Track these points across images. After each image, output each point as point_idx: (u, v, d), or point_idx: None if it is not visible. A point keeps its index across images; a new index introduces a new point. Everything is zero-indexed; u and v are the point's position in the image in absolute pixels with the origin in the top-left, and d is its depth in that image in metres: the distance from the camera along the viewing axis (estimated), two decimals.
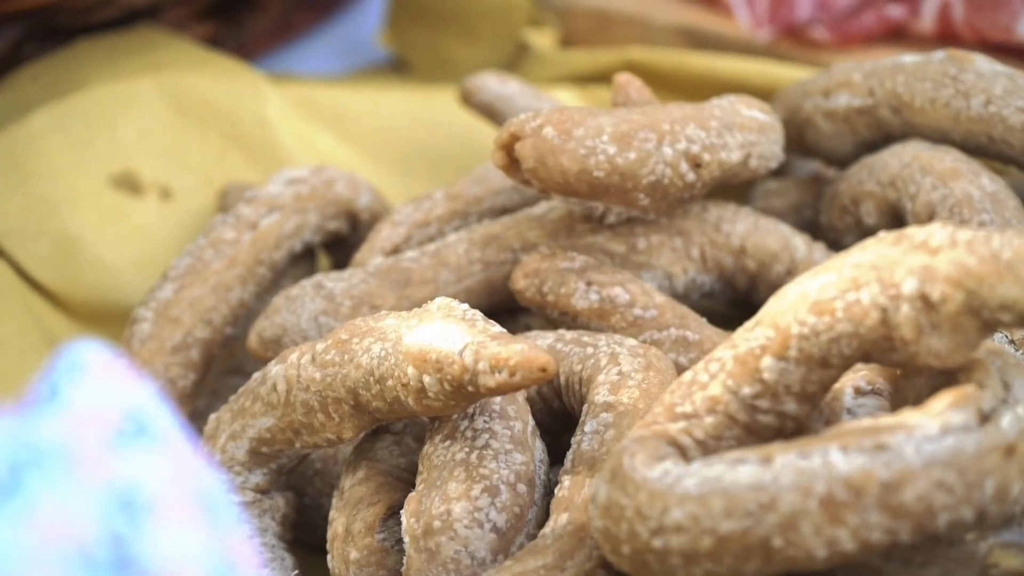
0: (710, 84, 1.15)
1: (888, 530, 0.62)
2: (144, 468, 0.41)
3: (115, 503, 0.39)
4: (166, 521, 0.39)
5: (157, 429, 0.44)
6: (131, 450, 0.42)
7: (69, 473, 0.39)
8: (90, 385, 0.45)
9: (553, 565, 0.71)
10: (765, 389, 0.69)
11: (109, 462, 0.41)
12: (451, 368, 0.74)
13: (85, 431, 0.42)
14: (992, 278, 0.63)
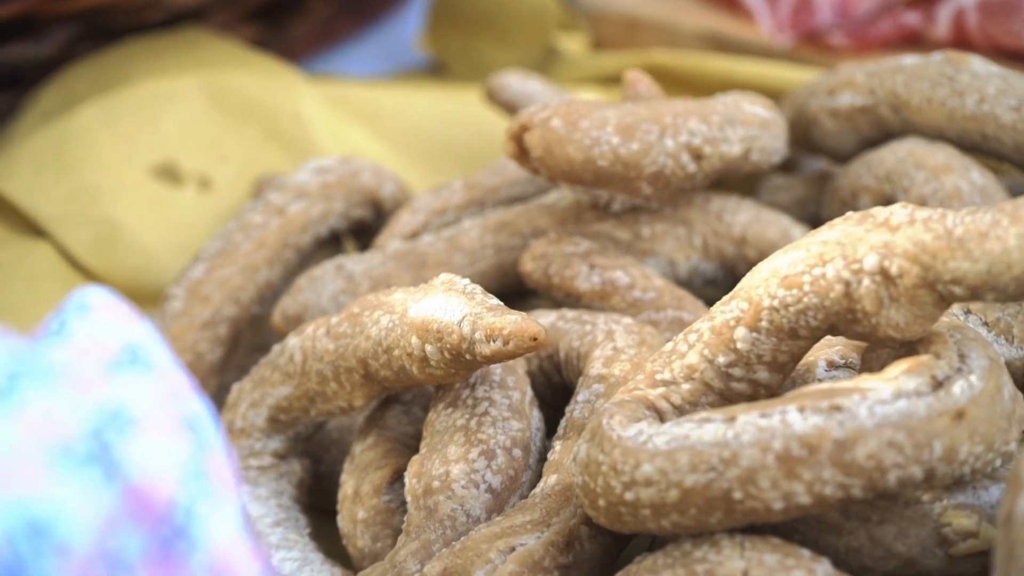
0: (729, 86, 1.19)
1: (841, 485, 0.66)
2: (134, 389, 0.47)
3: (102, 413, 0.44)
4: (149, 433, 0.45)
5: (151, 360, 0.49)
6: (124, 375, 0.47)
7: (63, 386, 0.44)
8: (94, 321, 0.50)
9: (540, 521, 0.76)
10: (738, 358, 0.73)
11: (102, 382, 0.46)
12: (450, 337, 0.79)
13: (84, 356, 0.47)
14: (945, 253, 0.67)
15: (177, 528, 0.43)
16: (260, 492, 0.88)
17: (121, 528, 0.42)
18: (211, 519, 0.44)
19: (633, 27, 1.35)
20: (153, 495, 0.43)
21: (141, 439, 0.45)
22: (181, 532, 0.43)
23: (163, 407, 0.46)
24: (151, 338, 0.51)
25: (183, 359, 0.96)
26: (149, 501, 0.43)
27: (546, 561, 0.74)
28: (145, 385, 0.47)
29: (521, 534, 0.75)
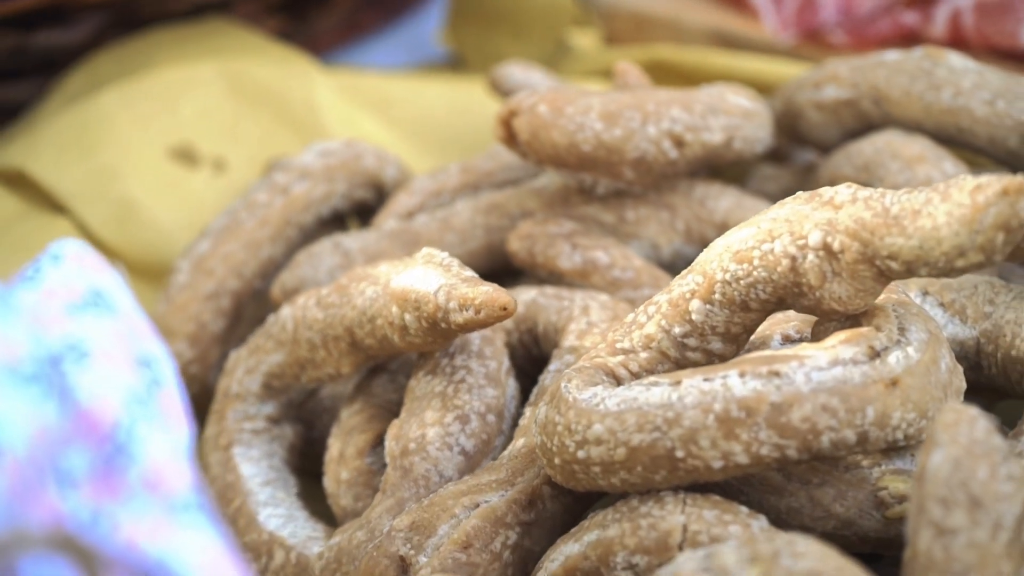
0: (731, 81, 1.23)
1: (777, 446, 0.70)
2: (92, 328, 0.51)
3: (62, 345, 0.49)
4: (101, 365, 0.49)
5: (114, 304, 0.54)
6: (85, 315, 0.52)
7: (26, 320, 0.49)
8: (65, 268, 0.55)
9: (505, 480, 0.80)
10: (693, 329, 0.77)
11: (64, 320, 0.51)
12: (427, 306, 0.83)
13: (51, 298, 0.52)
14: (882, 230, 0.71)
15: (118, 445, 0.48)
16: (252, 454, 0.93)
17: (71, 447, 0.47)
18: (149, 439, 0.49)
19: (643, 24, 1.39)
20: (100, 417, 0.48)
21: (93, 369, 0.49)
22: (121, 448, 0.48)
23: (118, 344, 0.51)
24: (116, 285, 0.55)
25: (187, 329, 1.01)
26: (96, 422, 0.48)
27: (508, 517, 0.79)
28: (103, 325, 0.52)
29: (486, 492, 0.79)
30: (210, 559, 0.47)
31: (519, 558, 0.79)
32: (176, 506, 0.48)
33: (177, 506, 0.48)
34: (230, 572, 0.47)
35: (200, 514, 0.48)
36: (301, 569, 0.85)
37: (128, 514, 0.47)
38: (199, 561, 0.46)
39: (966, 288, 0.85)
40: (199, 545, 0.47)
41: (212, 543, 0.48)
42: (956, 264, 0.69)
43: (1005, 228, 0.67)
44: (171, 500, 0.48)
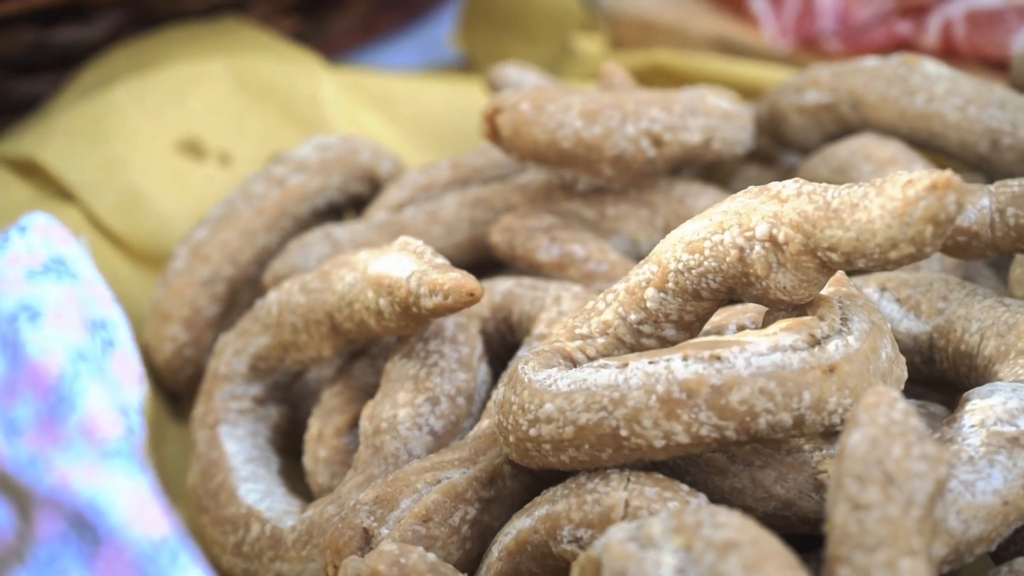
0: (727, 86, 1.27)
1: (716, 427, 0.73)
2: (49, 291, 0.55)
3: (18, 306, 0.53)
4: (52, 324, 0.53)
5: (75, 272, 0.58)
6: (44, 280, 0.56)
7: None
8: (31, 238, 0.59)
9: (467, 459, 0.84)
10: (648, 316, 0.81)
11: (24, 283, 0.55)
12: (399, 291, 0.87)
13: (14, 264, 0.56)
14: (823, 223, 0.74)
15: (61, 396, 0.52)
16: (237, 432, 0.97)
17: (19, 397, 0.51)
18: (90, 391, 0.53)
19: (647, 29, 1.43)
20: (47, 370, 0.52)
21: (44, 328, 0.53)
22: (64, 399, 0.52)
23: (71, 307, 0.55)
24: (79, 255, 0.59)
25: (182, 313, 1.05)
26: (43, 375, 0.52)
27: (468, 494, 0.82)
28: (60, 289, 0.56)
29: (448, 469, 0.83)
30: (135, 500, 0.50)
31: (478, 533, 0.82)
32: (109, 452, 0.51)
33: (110, 452, 0.51)
34: (153, 513, 0.51)
35: (130, 461, 0.52)
36: (275, 541, 0.89)
37: (64, 458, 0.50)
38: (125, 501, 0.50)
39: (922, 285, 0.88)
40: (126, 488, 0.51)
41: (139, 487, 0.51)
42: (890, 255, 0.72)
43: (933, 221, 0.70)
44: (104, 447, 0.51)
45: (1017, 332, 0.82)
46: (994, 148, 1.01)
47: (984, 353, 0.83)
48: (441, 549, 0.81)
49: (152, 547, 0.50)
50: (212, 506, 0.93)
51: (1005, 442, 0.74)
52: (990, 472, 0.73)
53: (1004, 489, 0.73)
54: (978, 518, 0.72)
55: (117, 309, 0.60)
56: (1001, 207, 0.85)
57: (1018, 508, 0.73)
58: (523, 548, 0.78)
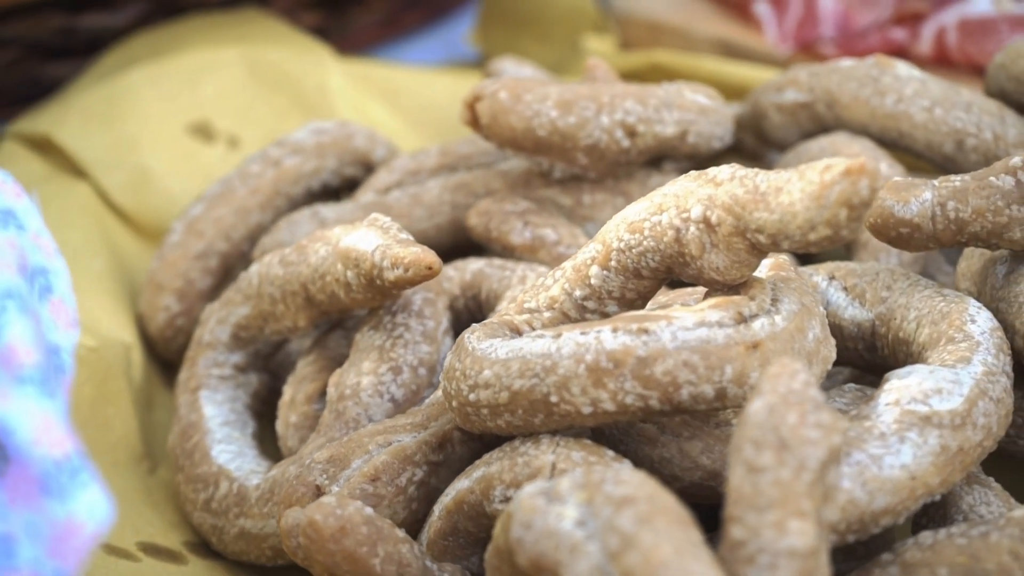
0: (719, 85, 1.30)
1: (641, 396, 0.77)
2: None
3: None
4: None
5: (23, 223, 0.63)
6: None
7: None
8: None
9: (419, 424, 0.88)
10: (592, 292, 0.85)
11: None
12: (364, 264, 0.91)
13: None
14: (751, 205, 0.78)
15: None
16: (217, 397, 1.02)
17: None
18: (12, 325, 0.57)
19: (655, 31, 1.47)
20: None
21: None
22: None
23: (10, 253, 0.60)
24: (29, 209, 0.64)
25: (175, 285, 1.10)
26: None
27: (417, 456, 0.86)
28: (2, 236, 0.61)
29: (400, 433, 0.87)
30: (42, 422, 0.55)
31: (425, 494, 0.86)
32: (22, 379, 0.56)
33: (23, 379, 0.56)
34: (57, 434, 0.55)
35: (41, 388, 0.57)
36: (241, 498, 0.93)
37: None
38: (32, 423, 0.54)
39: (868, 274, 0.92)
40: (34, 411, 0.55)
41: (46, 411, 0.56)
42: (809, 237, 0.75)
43: (847, 205, 0.74)
44: (18, 373, 0.56)
45: (949, 320, 0.85)
46: (959, 149, 1.04)
47: (919, 340, 0.86)
48: (387, 508, 0.85)
49: (55, 465, 0.54)
50: (187, 465, 0.98)
51: (917, 420, 0.77)
52: (900, 448, 0.76)
53: (913, 465, 0.76)
54: (884, 491, 0.75)
55: (61, 261, 0.64)
56: (942, 201, 0.88)
57: (926, 484, 0.76)
58: (460, 507, 0.82)
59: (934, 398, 0.78)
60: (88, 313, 1.08)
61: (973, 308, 0.85)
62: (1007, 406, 0.81)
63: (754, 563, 0.66)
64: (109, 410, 1.02)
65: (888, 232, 0.89)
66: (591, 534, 0.66)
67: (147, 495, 1.00)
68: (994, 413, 0.79)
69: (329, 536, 0.77)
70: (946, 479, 0.77)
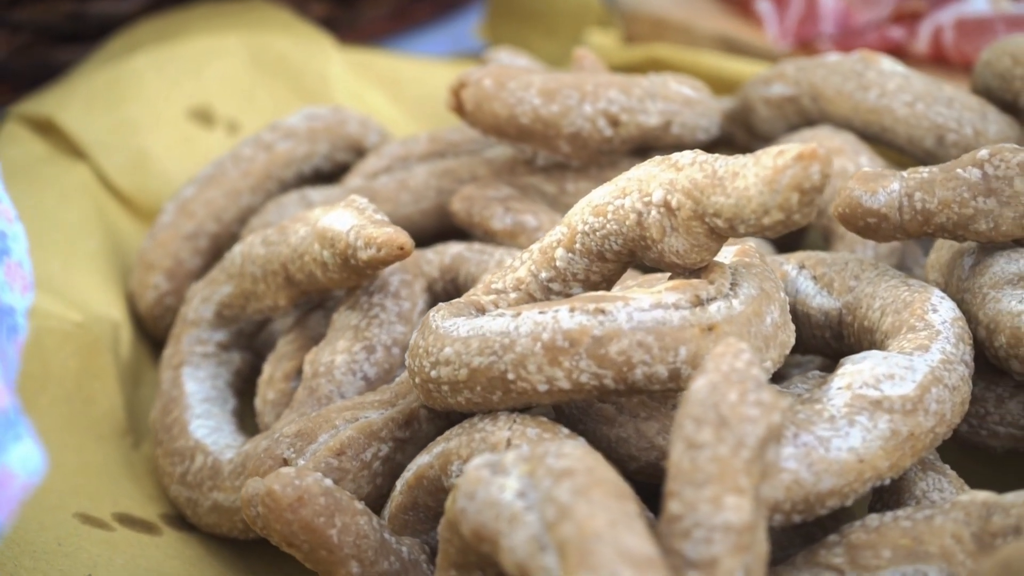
0: (718, 80, 1.31)
1: (595, 375, 0.78)
2: None
3: None
4: None
5: None
6: None
7: None
8: None
9: (387, 401, 0.89)
10: (557, 274, 0.86)
11: None
12: (339, 244, 0.93)
13: None
14: (709, 190, 0.79)
15: None
16: (199, 374, 1.03)
17: None
18: None
19: (659, 27, 1.48)
20: None
21: None
22: None
23: None
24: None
25: (165, 264, 1.12)
26: None
27: (383, 432, 0.88)
28: None
29: (367, 409, 0.89)
30: None
31: (390, 470, 0.88)
32: None
33: None
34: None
35: None
36: (214, 472, 0.95)
37: None
38: None
39: (837, 264, 0.92)
40: None
41: None
42: (763, 221, 0.76)
43: (799, 189, 0.75)
44: None
45: (911, 309, 0.86)
46: (939, 144, 1.05)
47: (882, 328, 0.87)
48: (352, 482, 0.86)
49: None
50: (166, 439, 1.00)
51: (868, 404, 0.78)
52: (849, 431, 0.77)
53: (861, 448, 0.77)
54: (830, 472, 0.76)
55: (20, 227, 0.66)
56: (910, 191, 0.89)
57: (875, 467, 0.77)
58: (420, 482, 0.83)
59: (886, 383, 0.79)
60: (78, 290, 1.10)
61: (936, 298, 0.86)
62: (963, 394, 0.82)
63: (690, 537, 0.67)
64: (95, 385, 1.04)
65: (856, 221, 0.90)
66: (530, 505, 0.68)
67: (129, 468, 1.02)
68: (948, 400, 0.80)
69: (287, 506, 0.79)
70: (896, 463, 0.78)
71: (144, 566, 0.90)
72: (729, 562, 0.67)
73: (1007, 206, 0.87)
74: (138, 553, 0.91)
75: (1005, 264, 0.88)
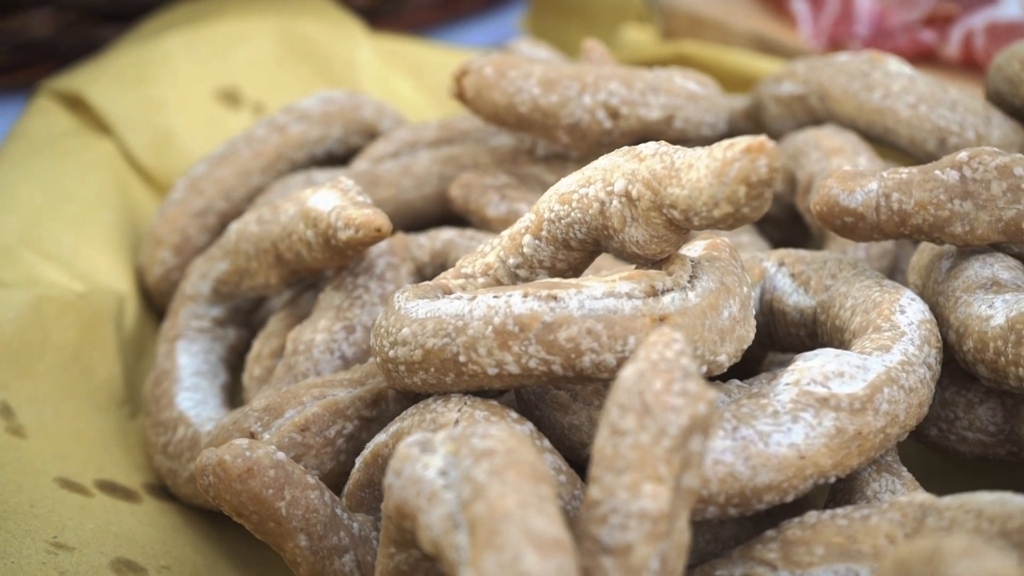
0: (744, 77, 1.31)
1: (544, 361, 0.78)
2: None
3: None
4: None
5: None
6: None
7: None
8: None
9: (356, 380, 0.91)
10: (524, 261, 0.86)
11: None
12: (321, 224, 0.94)
13: None
14: (666, 181, 0.79)
15: None
16: (193, 348, 1.05)
17: None
18: None
19: (696, 23, 1.48)
20: None
21: None
22: None
23: None
24: None
25: (173, 240, 1.14)
26: None
27: (349, 411, 0.89)
28: None
29: (336, 387, 0.90)
30: None
31: (355, 448, 0.89)
32: None
33: None
34: None
35: None
36: (193, 443, 0.97)
37: None
38: None
39: (816, 262, 0.92)
40: None
41: None
42: (714, 214, 0.76)
43: (746, 182, 0.74)
44: None
45: (879, 310, 0.85)
46: (941, 147, 1.04)
47: (851, 328, 0.87)
48: (315, 457, 0.88)
49: None
50: (154, 410, 1.01)
51: (814, 401, 0.77)
52: (791, 427, 0.77)
53: (803, 444, 0.76)
54: (767, 467, 0.76)
55: None
56: (887, 192, 0.88)
57: (817, 464, 0.77)
58: (376, 460, 0.84)
59: (835, 381, 0.78)
60: (87, 262, 1.12)
61: (905, 299, 0.86)
62: (921, 396, 0.81)
63: (606, 523, 0.67)
64: (94, 355, 1.06)
65: (833, 220, 0.89)
66: (450, 483, 0.68)
67: (122, 437, 1.04)
68: (903, 401, 0.80)
69: (236, 476, 0.80)
70: (840, 462, 0.77)
71: (115, 531, 0.91)
72: (643, 549, 0.67)
73: (983, 209, 0.86)
74: (112, 519, 0.93)
75: (979, 268, 0.87)
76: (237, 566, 0.94)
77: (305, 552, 0.81)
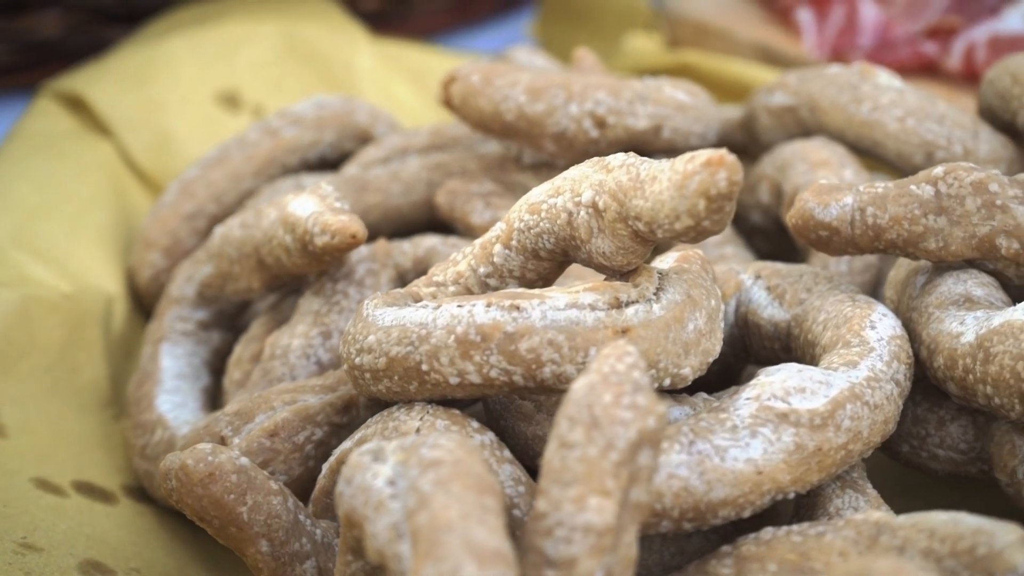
0: (744, 87, 1.31)
1: (505, 371, 0.78)
2: None
3: None
4: None
5: None
6: None
7: None
8: None
9: (328, 386, 0.91)
10: (495, 270, 0.86)
11: None
12: (299, 229, 0.94)
13: None
14: (632, 192, 0.79)
15: None
16: (177, 351, 1.06)
17: None
18: None
19: (702, 33, 1.47)
20: None
21: None
22: None
23: None
24: None
25: (163, 242, 1.14)
26: None
27: (319, 417, 0.89)
28: None
29: (307, 393, 0.90)
30: None
31: (324, 454, 0.89)
32: None
33: None
34: None
35: None
36: (170, 446, 0.97)
37: None
38: None
39: (792, 275, 0.91)
40: None
41: None
42: (676, 226, 0.76)
43: (706, 196, 0.74)
44: None
45: (849, 325, 0.85)
46: (929, 160, 1.03)
47: (822, 343, 0.86)
48: (283, 463, 0.88)
49: None
50: (134, 412, 1.02)
51: (774, 416, 0.77)
52: (749, 442, 0.76)
53: (760, 460, 0.76)
54: (723, 482, 0.75)
55: None
56: (862, 206, 0.87)
57: (774, 480, 0.76)
58: (340, 467, 0.84)
59: (795, 396, 0.78)
60: (78, 262, 1.13)
61: (877, 315, 0.85)
62: (886, 413, 0.80)
63: (551, 535, 0.67)
64: (80, 355, 1.07)
65: (808, 234, 0.89)
66: (397, 493, 0.68)
67: (105, 439, 1.04)
68: (867, 418, 0.79)
69: (198, 481, 0.80)
70: (799, 478, 0.77)
71: (87, 533, 0.92)
72: (587, 563, 0.67)
73: (957, 225, 0.85)
74: (85, 521, 0.93)
75: (952, 284, 0.86)
76: (210, 569, 0.95)
77: (266, 558, 0.81)
